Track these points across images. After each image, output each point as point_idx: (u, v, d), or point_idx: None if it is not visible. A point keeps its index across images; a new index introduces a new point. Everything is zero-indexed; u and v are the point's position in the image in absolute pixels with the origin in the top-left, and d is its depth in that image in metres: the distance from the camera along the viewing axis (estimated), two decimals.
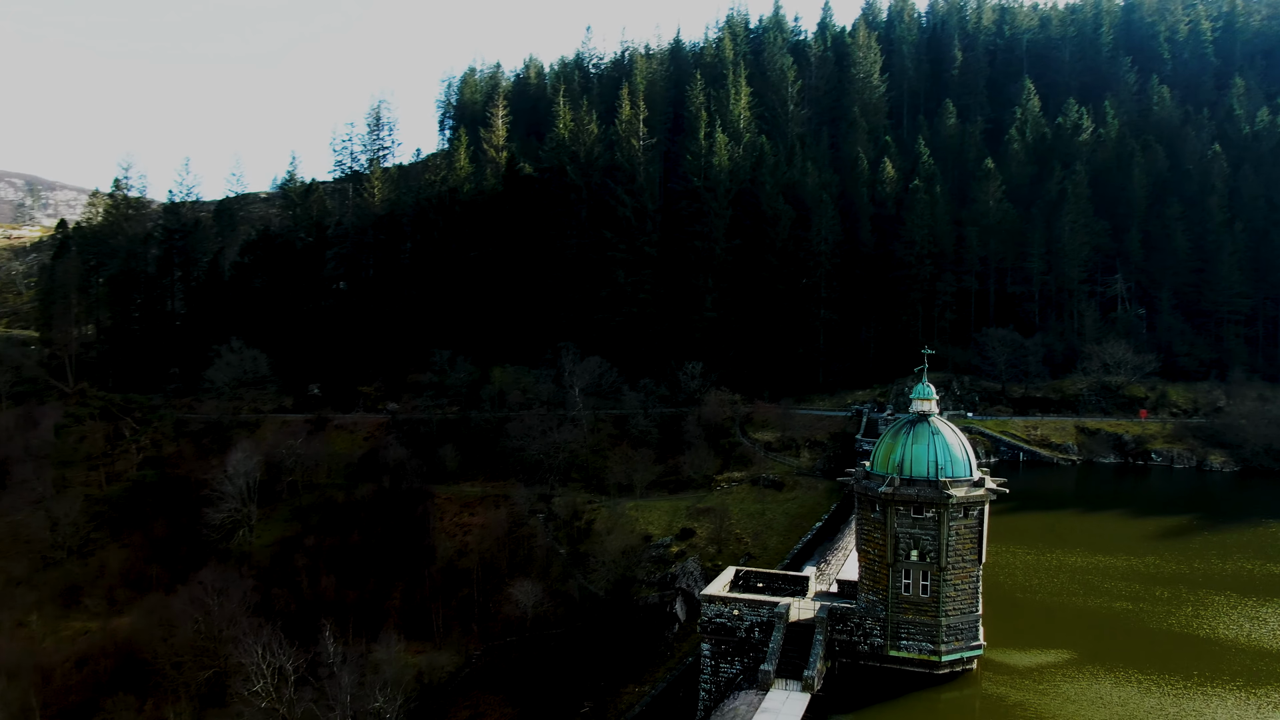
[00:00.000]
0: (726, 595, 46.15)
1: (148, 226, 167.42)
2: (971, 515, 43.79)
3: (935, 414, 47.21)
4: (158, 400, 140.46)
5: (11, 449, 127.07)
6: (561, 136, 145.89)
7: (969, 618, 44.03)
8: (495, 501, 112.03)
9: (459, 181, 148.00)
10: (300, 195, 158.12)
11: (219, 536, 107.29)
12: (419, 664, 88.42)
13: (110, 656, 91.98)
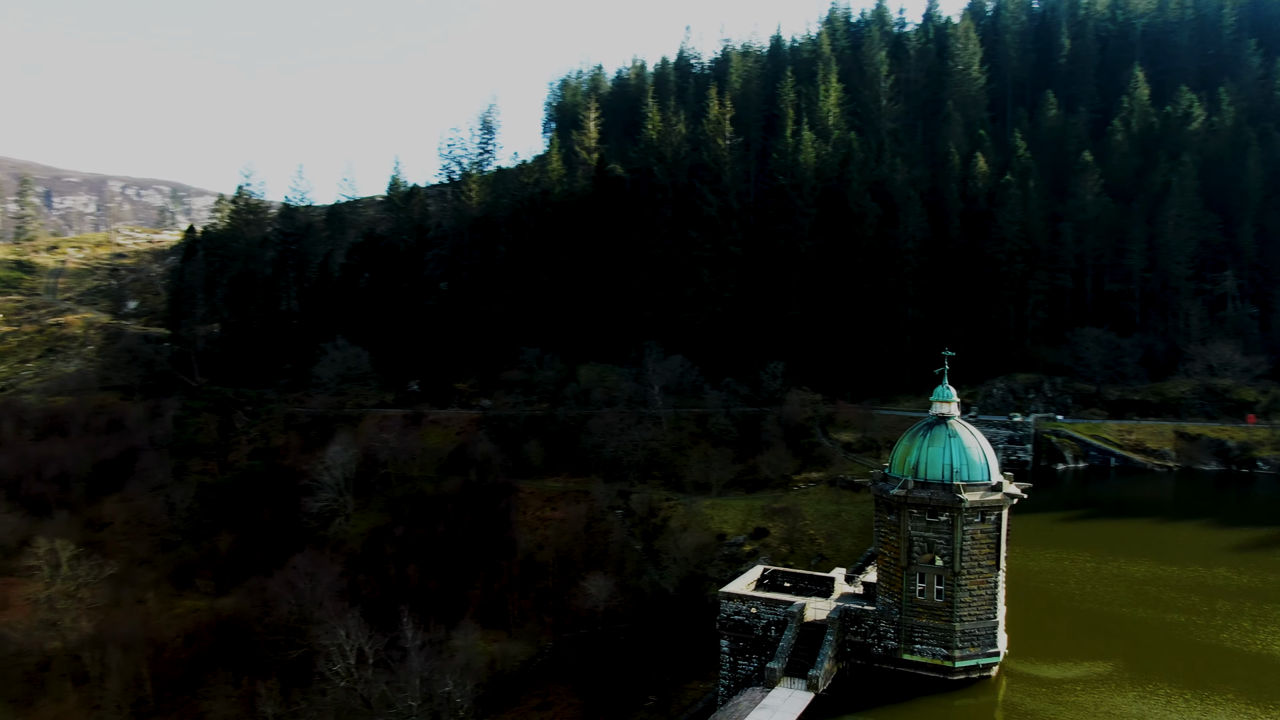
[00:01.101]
0: (744, 593, 47.04)
1: (266, 230, 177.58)
2: (989, 520, 43.41)
3: (955, 416, 46.87)
4: (271, 395, 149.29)
5: (139, 439, 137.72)
6: (650, 137, 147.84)
7: (986, 624, 43.68)
8: (576, 497, 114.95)
9: (551, 184, 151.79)
10: (403, 199, 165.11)
11: (317, 524, 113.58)
12: (493, 652, 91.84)
13: (214, 634, 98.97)
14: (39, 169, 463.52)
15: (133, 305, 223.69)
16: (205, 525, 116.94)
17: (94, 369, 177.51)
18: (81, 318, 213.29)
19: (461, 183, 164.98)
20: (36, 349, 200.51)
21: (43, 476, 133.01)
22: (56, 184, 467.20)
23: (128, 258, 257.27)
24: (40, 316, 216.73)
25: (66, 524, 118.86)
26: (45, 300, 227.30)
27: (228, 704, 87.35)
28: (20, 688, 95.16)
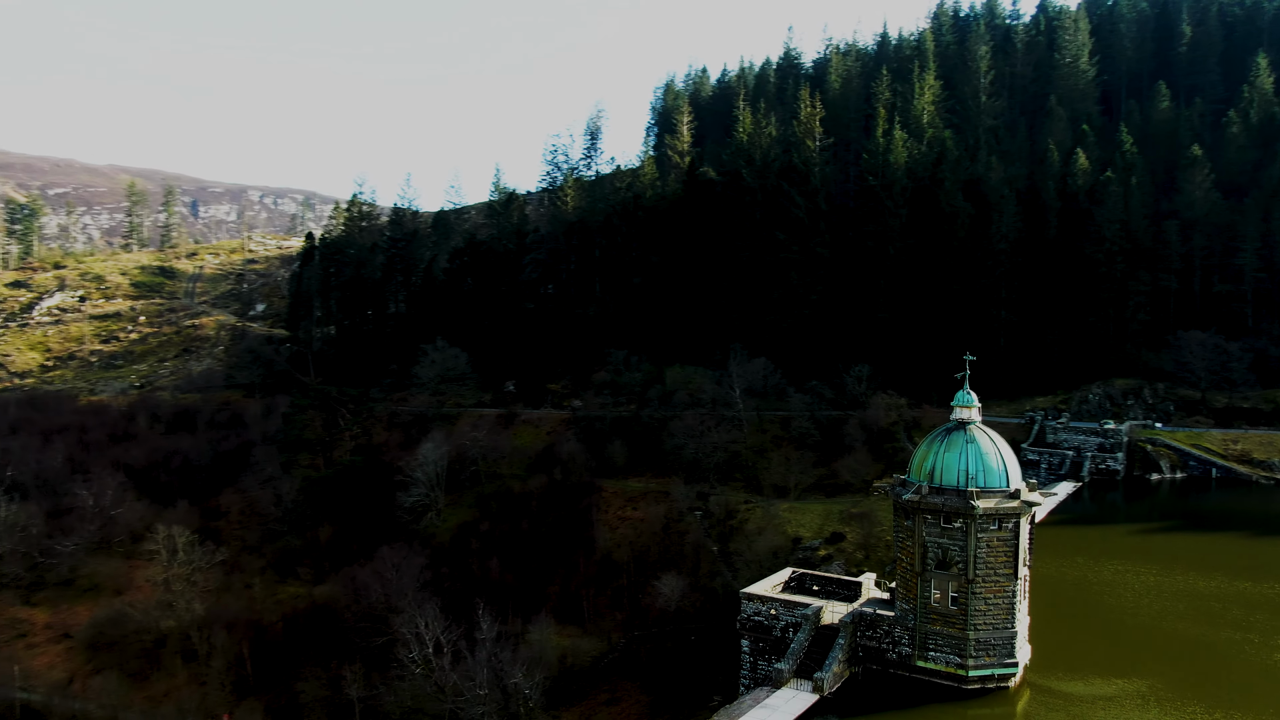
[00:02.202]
0: (764, 594, 47.57)
1: (376, 237, 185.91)
2: (1006, 528, 42.75)
3: (976, 422, 46.17)
4: (376, 393, 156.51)
5: (255, 434, 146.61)
6: (741, 140, 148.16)
7: (1003, 633, 42.99)
8: (656, 497, 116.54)
9: (643, 188, 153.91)
10: (503, 205, 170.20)
11: (410, 518, 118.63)
12: (565, 647, 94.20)
13: (310, 619, 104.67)
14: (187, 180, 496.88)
15: (260, 308, 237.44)
16: (308, 517, 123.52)
17: (221, 368, 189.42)
18: (214, 320, 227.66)
19: (559, 189, 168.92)
20: (174, 349, 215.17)
21: (169, 467, 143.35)
22: (202, 194, 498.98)
23: (258, 263, 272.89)
24: (178, 319, 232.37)
25: (187, 512, 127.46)
26: (183, 303, 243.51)
27: (317, 686, 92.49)
28: (137, 662, 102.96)
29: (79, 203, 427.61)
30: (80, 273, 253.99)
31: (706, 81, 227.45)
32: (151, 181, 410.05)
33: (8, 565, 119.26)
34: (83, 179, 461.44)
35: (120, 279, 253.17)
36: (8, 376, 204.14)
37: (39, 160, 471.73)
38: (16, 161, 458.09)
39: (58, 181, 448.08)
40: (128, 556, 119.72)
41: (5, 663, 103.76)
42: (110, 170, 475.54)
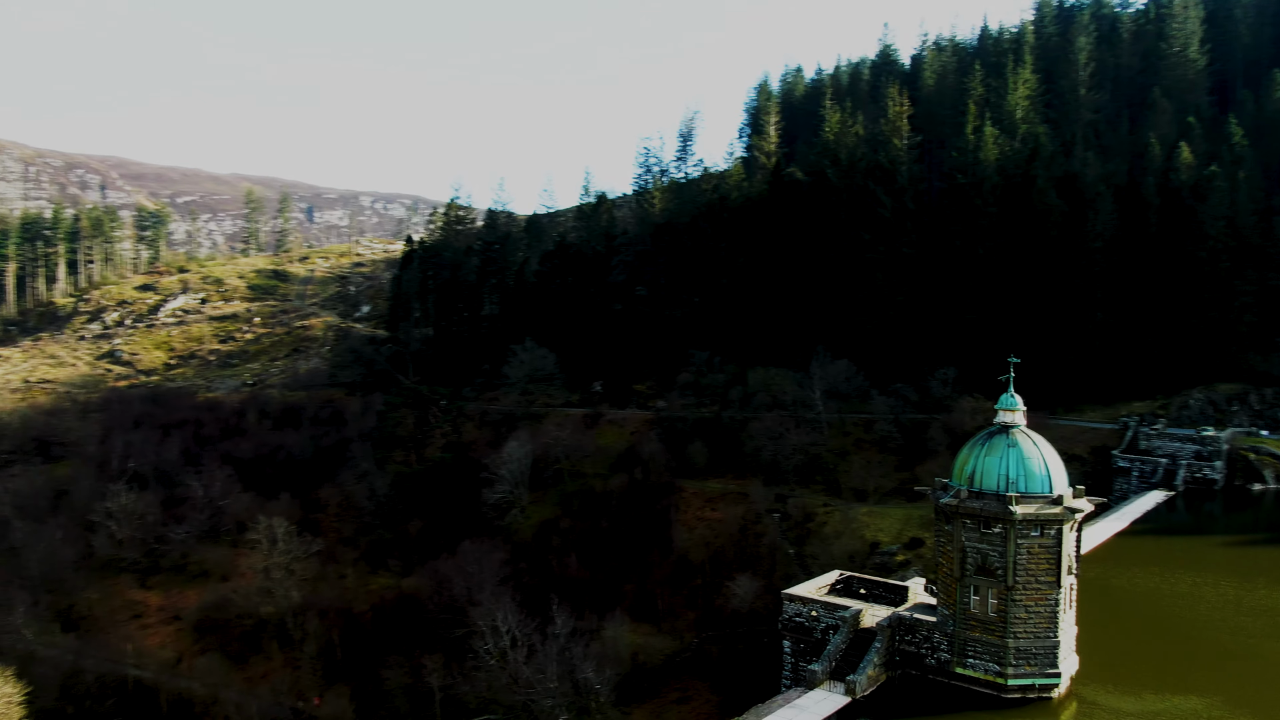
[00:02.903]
0: (805, 596, 47.69)
1: (471, 240, 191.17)
2: (1048, 534, 41.83)
3: (1020, 426, 45.26)
4: (468, 392, 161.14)
5: (352, 431, 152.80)
6: (827, 139, 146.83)
7: (1044, 643, 42.06)
8: (735, 498, 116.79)
9: (729, 189, 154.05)
10: (591, 208, 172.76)
11: (495, 514, 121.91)
12: (639, 644, 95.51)
13: (396, 609, 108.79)
14: (303, 187, 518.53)
15: (365, 309, 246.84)
16: (399, 511, 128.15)
17: (326, 367, 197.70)
18: (322, 321, 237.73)
19: (648, 191, 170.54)
20: (284, 349, 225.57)
21: (274, 461, 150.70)
22: (317, 200, 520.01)
23: (365, 266, 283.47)
24: (289, 320, 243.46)
25: (289, 505, 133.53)
26: (294, 305, 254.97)
27: (401, 673, 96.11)
28: (238, 645, 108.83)
29: (204, 210, 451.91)
30: (202, 276, 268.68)
31: (801, 81, 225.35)
32: (270, 189, 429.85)
33: (127, 550, 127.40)
34: (208, 187, 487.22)
35: (238, 282, 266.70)
36: (135, 374, 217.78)
37: (169, 170, 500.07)
38: (149, 172, 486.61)
39: (186, 190, 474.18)
40: (233, 545, 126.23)
41: (121, 641, 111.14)
42: (233, 179, 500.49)
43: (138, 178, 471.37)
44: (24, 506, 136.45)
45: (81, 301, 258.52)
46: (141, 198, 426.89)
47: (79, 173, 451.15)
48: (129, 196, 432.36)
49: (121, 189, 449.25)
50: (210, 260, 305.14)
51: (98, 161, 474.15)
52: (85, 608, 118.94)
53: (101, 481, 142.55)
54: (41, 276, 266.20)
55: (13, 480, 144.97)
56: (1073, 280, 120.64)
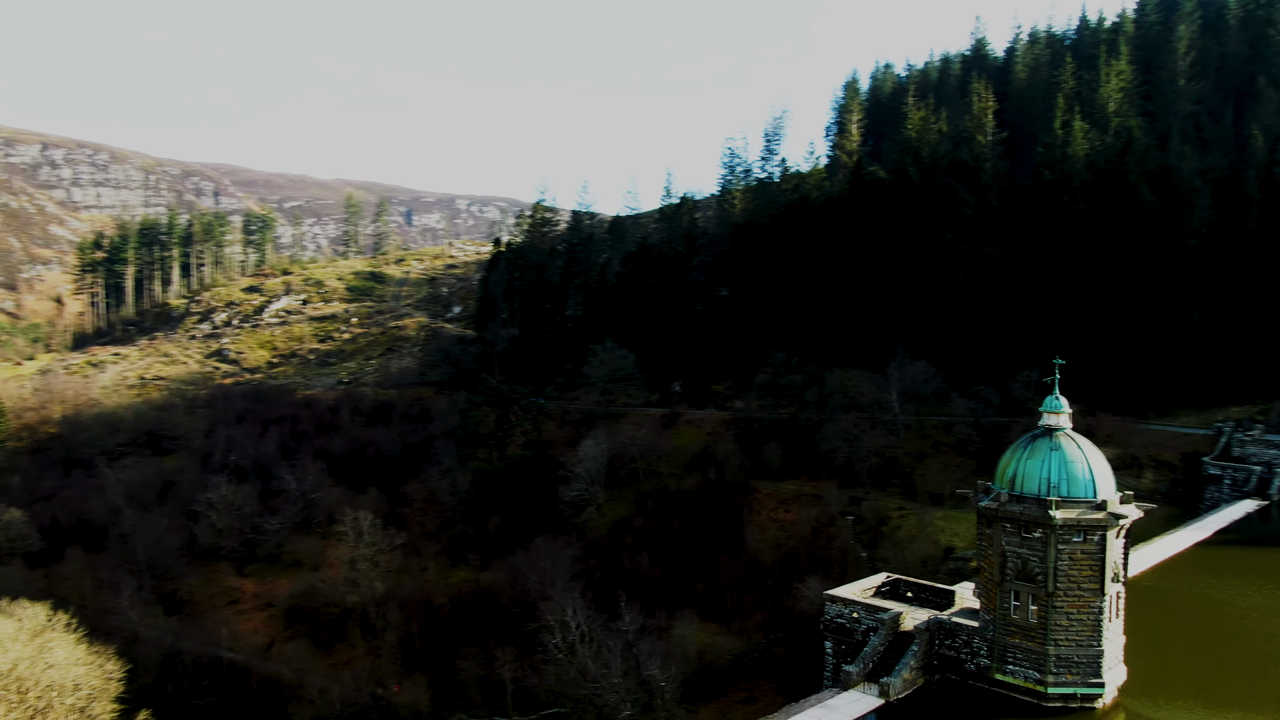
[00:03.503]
0: (847, 596, 47.56)
1: (555, 242, 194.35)
2: (1091, 540, 40.79)
3: (1065, 429, 44.20)
4: (551, 391, 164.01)
5: (437, 428, 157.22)
6: (909, 137, 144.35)
7: (1087, 651, 41.03)
8: (809, 500, 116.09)
9: (809, 189, 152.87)
10: (673, 210, 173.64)
11: (571, 512, 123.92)
12: (705, 643, 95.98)
13: (473, 602, 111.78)
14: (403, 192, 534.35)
15: (456, 310, 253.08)
16: (479, 507, 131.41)
17: (416, 366, 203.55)
18: (415, 321, 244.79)
19: (729, 192, 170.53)
20: (379, 348, 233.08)
21: (364, 457, 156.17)
22: (416, 204, 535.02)
23: (457, 268, 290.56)
24: (384, 320, 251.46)
25: (376, 499, 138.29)
26: (390, 306, 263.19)
27: (475, 665, 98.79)
28: (325, 632, 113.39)
29: (309, 214, 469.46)
30: (304, 279, 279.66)
31: (890, 78, 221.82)
32: (371, 193, 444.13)
33: (226, 540, 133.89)
34: (313, 192, 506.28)
35: (337, 284, 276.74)
36: (240, 371, 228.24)
37: (277, 177, 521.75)
38: (259, 179, 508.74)
39: (292, 195, 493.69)
40: (323, 536, 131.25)
41: (218, 625, 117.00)
42: (337, 184, 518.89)
43: (248, 184, 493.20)
44: (134, 496, 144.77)
45: (193, 303, 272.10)
46: (251, 203, 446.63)
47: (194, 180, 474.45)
48: (240, 202, 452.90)
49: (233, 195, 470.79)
50: (312, 263, 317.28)
51: (212, 169, 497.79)
52: (187, 593, 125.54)
53: (205, 474, 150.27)
54: (158, 279, 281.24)
55: (125, 471, 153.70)
56: (1166, 279, 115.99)
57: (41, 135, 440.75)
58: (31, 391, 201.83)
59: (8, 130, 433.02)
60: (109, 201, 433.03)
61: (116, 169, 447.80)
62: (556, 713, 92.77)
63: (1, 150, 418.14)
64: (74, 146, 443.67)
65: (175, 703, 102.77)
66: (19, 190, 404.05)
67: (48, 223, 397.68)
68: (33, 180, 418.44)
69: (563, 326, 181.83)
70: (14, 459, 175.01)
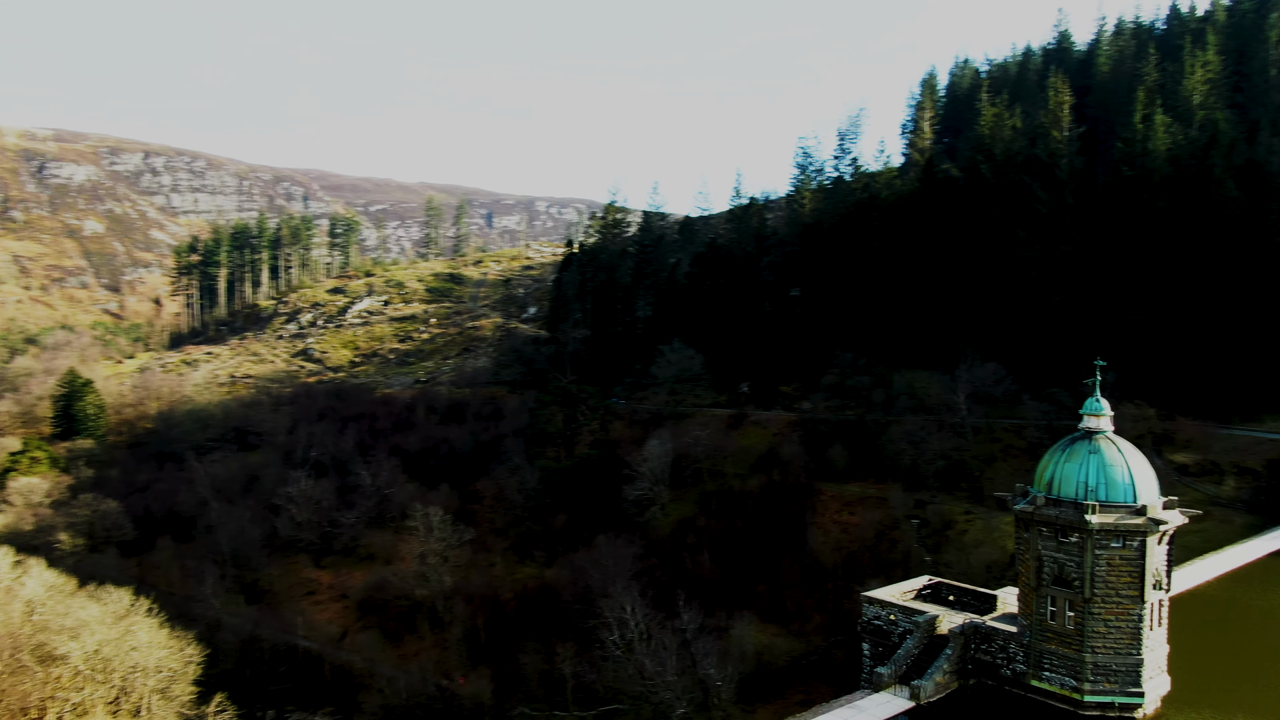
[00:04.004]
0: (884, 599, 47.33)
1: (626, 243, 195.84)
2: (1130, 546, 39.90)
3: (1105, 432, 43.19)
4: (619, 391, 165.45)
5: (508, 427, 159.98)
6: (981, 133, 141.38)
7: (1126, 659, 40.11)
8: (874, 503, 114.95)
9: (879, 188, 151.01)
10: (742, 210, 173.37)
11: (636, 511, 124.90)
12: (764, 644, 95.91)
13: (537, 598, 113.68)
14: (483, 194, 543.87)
15: (532, 311, 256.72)
16: (546, 504, 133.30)
17: (490, 366, 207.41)
18: (491, 322, 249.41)
19: (799, 192, 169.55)
20: (456, 348, 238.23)
21: (437, 454, 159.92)
22: (496, 206, 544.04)
23: (534, 269, 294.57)
24: (462, 321, 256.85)
25: (448, 495, 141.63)
26: (467, 307, 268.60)
27: (536, 659, 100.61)
28: (394, 624, 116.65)
29: (393, 217, 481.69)
30: (385, 280, 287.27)
31: (969, 73, 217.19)
32: (453, 196, 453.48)
33: (304, 532, 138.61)
34: (397, 196, 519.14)
35: (417, 285, 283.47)
36: (323, 370, 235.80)
37: (363, 181, 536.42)
38: (345, 183, 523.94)
39: (377, 199, 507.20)
40: (396, 531, 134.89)
41: (295, 614, 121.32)
42: (420, 187, 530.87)
43: (336, 188, 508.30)
44: (221, 489, 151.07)
45: (281, 304, 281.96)
46: (338, 207, 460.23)
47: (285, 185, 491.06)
48: (327, 206, 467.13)
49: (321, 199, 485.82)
50: (394, 265, 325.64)
51: (302, 174, 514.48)
52: (267, 583, 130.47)
53: (287, 468, 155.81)
54: (248, 281, 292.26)
55: (213, 465, 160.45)
56: (1253, 278, 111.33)
57: (144, 144, 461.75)
58: (130, 388, 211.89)
59: (112, 140, 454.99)
60: (205, 206, 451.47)
61: (212, 175, 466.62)
62: (615, 709, 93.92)
63: (107, 159, 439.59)
64: (173, 154, 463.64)
65: (253, 688, 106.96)
66: (123, 197, 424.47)
67: (149, 228, 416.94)
68: (135, 187, 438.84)
69: (633, 327, 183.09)
70: (113, 452, 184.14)
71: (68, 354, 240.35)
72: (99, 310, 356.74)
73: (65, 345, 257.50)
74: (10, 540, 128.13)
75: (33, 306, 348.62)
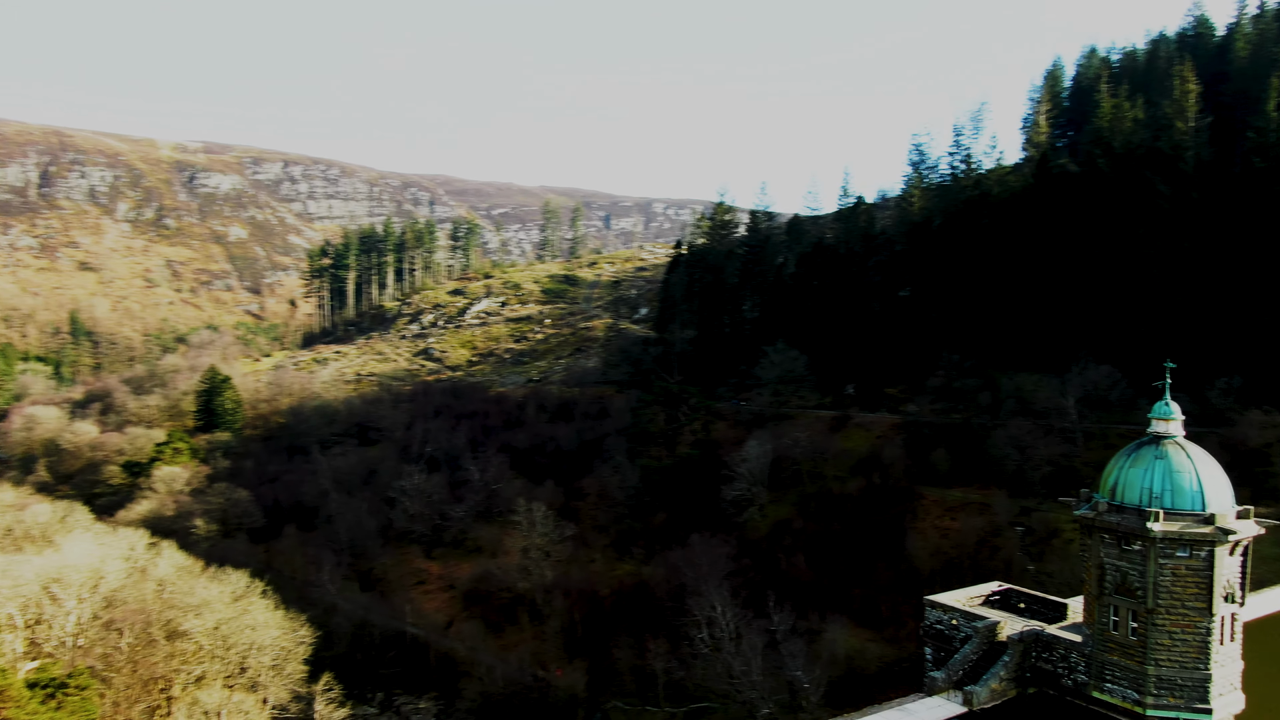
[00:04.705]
0: (946, 603, 46.69)
1: (733, 244, 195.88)
2: (1197, 556, 38.29)
3: (1176, 436, 41.43)
4: (723, 392, 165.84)
5: (613, 426, 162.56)
6: (1100, 126, 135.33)
7: (1192, 674, 38.50)
8: (977, 509, 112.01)
9: (990, 184, 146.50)
10: (849, 209, 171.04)
11: (734, 511, 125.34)
12: (856, 649, 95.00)
13: (632, 594, 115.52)
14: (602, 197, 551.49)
15: (643, 311, 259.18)
16: (646, 502, 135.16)
17: (600, 365, 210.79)
18: (603, 322, 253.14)
19: (909, 190, 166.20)
20: (569, 348, 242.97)
21: (544, 451, 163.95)
22: (614, 208, 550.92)
23: (647, 270, 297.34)
24: (575, 321, 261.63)
25: (553, 492, 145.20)
26: (581, 308, 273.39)
27: (629, 654, 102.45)
28: (496, 615, 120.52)
29: (514, 220, 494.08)
30: (503, 282, 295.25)
31: (1096, 63, 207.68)
32: (572, 199, 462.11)
33: (417, 524, 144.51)
34: (518, 199, 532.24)
35: (533, 287, 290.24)
36: (442, 369, 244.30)
37: (486, 185, 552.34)
38: (469, 187, 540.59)
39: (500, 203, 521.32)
40: (503, 525, 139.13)
41: (404, 602, 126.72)
42: (540, 190, 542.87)
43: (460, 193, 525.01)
44: (341, 481, 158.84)
45: (404, 305, 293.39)
46: (462, 211, 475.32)
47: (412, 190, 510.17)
48: (452, 210, 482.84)
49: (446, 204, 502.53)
50: (512, 267, 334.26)
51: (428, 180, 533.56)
52: (380, 571, 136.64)
53: (403, 463, 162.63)
54: (374, 283, 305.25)
55: (336, 459, 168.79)
56: None
57: (283, 154, 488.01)
58: (265, 385, 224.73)
59: (255, 150, 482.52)
60: (339, 212, 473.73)
61: (345, 182, 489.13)
62: (705, 707, 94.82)
63: (250, 169, 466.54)
64: (310, 163, 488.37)
65: (363, 670, 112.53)
66: (264, 204, 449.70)
67: (287, 233, 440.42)
68: (275, 195, 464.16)
69: (739, 327, 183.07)
70: (248, 445, 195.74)
71: (211, 352, 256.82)
72: (241, 311, 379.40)
73: (209, 344, 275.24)
74: (152, 524, 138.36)
75: (183, 308, 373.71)
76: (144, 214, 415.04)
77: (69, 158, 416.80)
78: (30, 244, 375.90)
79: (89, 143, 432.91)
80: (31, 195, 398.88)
